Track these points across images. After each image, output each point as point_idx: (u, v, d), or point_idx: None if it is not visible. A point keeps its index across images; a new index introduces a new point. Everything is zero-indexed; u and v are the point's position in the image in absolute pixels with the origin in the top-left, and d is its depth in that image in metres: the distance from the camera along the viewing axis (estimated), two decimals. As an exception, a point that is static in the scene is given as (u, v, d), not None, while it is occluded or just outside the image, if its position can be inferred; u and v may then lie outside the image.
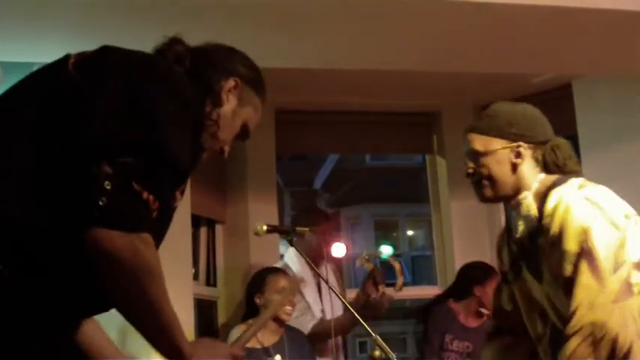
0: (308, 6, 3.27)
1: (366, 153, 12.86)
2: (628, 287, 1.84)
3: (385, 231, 16.99)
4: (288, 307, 3.59)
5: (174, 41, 1.68)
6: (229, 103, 1.67)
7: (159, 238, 1.47)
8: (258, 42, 3.46)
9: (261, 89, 1.75)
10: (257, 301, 3.62)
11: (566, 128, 5.03)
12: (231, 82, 1.67)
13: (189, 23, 3.26)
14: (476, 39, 3.67)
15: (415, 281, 15.37)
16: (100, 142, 1.36)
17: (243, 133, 1.73)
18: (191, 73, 1.61)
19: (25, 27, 3.29)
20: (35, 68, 1.59)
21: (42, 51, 3.42)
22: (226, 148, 1.70)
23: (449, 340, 4.19)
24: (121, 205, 1.34)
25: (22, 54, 3.47)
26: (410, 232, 17.21)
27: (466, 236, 5.01)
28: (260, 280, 3.70)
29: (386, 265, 4.14)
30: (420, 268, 15.73)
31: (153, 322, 1.42)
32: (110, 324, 1.71)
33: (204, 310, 4.72)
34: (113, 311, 1.48)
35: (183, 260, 4.13)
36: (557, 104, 4.98)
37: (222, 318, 4.62)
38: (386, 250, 3.87)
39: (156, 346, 1.46)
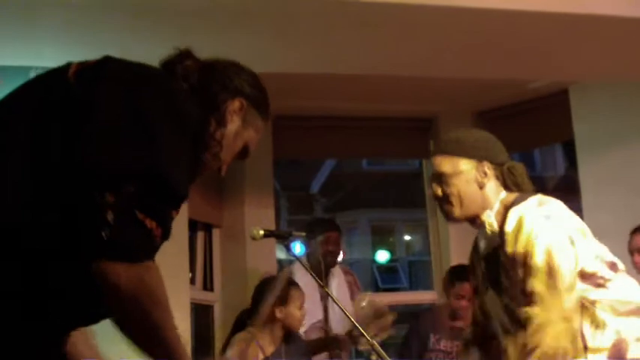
0: (306, 12, 3.28)
1: (363, 158, 12.85)
2: (577, 306, 2.01)
3: (382, 236, 16.92)
4: (302, 319, 3.62)
5: (185, 55, 1.64)
6: (233, 124, 1.63)
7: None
8: (256, 47, 3.47)
9: (266, 111, 1.71)
10: (278, 314, 3.52)
11: (563, 134, 5.04)
12: (236, 103, 1.63)
13: (187, 28, 3.27)
14: (473, 45, 3.67)
15: (412, 286, 15.33)
16: (100, 170, 1.35)
17: (243, 153, 1.70)
18: (197, 89, 1.59)
19: (22, 30, 3.29)
20: (32, 72, 1.58)
21: (40, 55, 3.42)
22: (224, 167, 1.67)
23: (435, 339, 4.27)
24: (124, 236, 1.33)
25: (19, 57, 3.46)
26: (407, 237, 17.14)
27: (463, 241, 4.98)
28: (283, 292, 3.62)
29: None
30: (417, 273, 15.68)
31: (157, 347, 1.42)
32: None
33: (201, 314, 4.72)
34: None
35: (180, 265, 4.13)
36: (554, 110, 4.99)
37: (218, 322, 4.62)
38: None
39: None
